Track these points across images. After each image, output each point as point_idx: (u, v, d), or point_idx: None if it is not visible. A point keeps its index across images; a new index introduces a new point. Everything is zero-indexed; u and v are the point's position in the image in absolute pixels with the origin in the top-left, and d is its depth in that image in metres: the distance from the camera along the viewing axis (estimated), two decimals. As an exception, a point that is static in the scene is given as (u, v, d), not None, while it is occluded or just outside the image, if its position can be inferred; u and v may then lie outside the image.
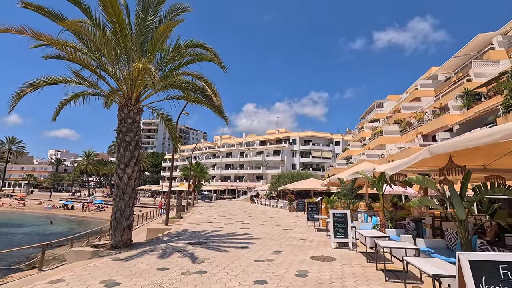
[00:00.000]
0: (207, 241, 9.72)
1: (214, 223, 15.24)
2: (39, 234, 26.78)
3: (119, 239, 8.30)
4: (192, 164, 34.42)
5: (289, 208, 26.12)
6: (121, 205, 8.44)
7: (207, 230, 12.39)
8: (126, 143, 8.68)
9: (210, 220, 16.94)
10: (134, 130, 8.88)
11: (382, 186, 8.29)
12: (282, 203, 31.08)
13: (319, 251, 7.97)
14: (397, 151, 26.31)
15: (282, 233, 11.55)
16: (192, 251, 7.93)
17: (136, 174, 8.83)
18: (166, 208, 14.54)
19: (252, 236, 10.65)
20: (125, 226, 8.42)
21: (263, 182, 61.04)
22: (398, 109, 34.26)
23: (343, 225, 8.38)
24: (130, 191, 8.60)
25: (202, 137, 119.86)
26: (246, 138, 76.66)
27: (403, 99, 34.30)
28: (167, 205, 14.58)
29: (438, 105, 26.58)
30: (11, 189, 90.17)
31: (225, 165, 72.46)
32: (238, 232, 11.76)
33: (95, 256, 7.51)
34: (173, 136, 11.69)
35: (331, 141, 69.20)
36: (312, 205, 14.56)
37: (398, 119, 31.36)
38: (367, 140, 37.72)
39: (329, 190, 21.86)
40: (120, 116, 8.89)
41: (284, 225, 14.61)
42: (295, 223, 15.43)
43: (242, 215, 21.32)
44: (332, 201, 13.81)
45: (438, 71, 31.18)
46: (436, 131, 23.85)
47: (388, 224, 8.07)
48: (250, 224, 14.96)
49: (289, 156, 66.64)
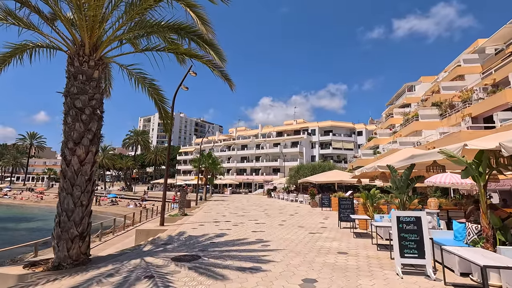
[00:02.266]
0: (203, 253, 6.75)
1: (221, 223, 12.31)
2: (42, 230, 25.16)
3: (65, 255, 5.47)
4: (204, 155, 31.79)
5: (311, 204, 22.87)
6: (68, 203, 5.59)
7: (208, 234, 9.45)
8: (76, 111, 5.79)
9: (217, 218, 14.05)
10: (90, 92, 5.96)
11: (485, 173, 4.92)
12: (302, 198, 27.84)
13: (377, 280, 4.78)
14: (440, 137, 22.24)
15: (309, 240, 8.40)
16: (172, 277, 4.97)
17: (93, 157, 5.94)
18: (161, 204, 11.75)
19: (267, 246, 7.58)
20: (75, 234, 5.57)
21: (280, 175, 57.84)
22: (435, 89, 29.81)
23: (415, 237, 5.11)
24: (84, 182, 5.73)
25: (217, 130, 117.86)
26: (262, 129, 73.42)
27: (442, 78, 29.73)
28: (162, 202, 11.78)
29: (490, 81, 22.21)
30: (33, 183, 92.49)
31: (241, 158, 69.76)
32: (249, 238, 8.72)
33: (20, 285, 4.71)
34: (162, 110, 8.73)
35: (353, 131, 64.65)
36: (345, 201, 11.28)
37: (437, 101, 27.03)
38: (398, 127, 33.50)
39: (360, 183, 18.37)
40: (69, 71, 5.99)
41: (309, 226, 11.45)
42: (323, 224, 12.23)
43: (256, 211, 18.32)
44: (373, 196, 10.49)
45: (486, 44, 26.45)
46: (491, 111, 19.63)
47: (499, 238, 4.72)
48: (265, 225, 11.91)
49: (307, 148, 62.89)
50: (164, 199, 11.87)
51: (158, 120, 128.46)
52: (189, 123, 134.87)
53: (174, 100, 12.45)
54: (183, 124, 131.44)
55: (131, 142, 74.91)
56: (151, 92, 8.39)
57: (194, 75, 12.76)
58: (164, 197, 11.88)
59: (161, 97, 8.61)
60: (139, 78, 8.09)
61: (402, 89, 39.27)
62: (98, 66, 6.17)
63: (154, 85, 8.35)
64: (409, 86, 37.83)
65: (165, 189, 11.98)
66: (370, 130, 60.16)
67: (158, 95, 8.57)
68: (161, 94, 8.62)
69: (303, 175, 33.17)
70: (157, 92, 8.51)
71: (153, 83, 8.28)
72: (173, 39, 7.58)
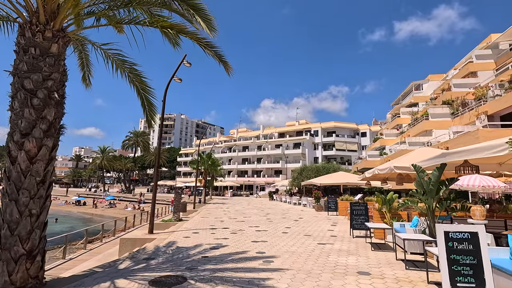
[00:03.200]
0: (191, 273, 5.44)
1: (218, 230, 10.99)
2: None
3: (5, 281, 4.16)
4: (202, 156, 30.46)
5: (315, 207, 21.50)
6: (12, 213, 4.29)
7: (202, 246, 8.12)
8: (25, 93, 4.51)
9: (215, 225, 12.72)
10: (45, 71, 4.68)
11: None
12: (306, 201, 26.46)
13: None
14: (453, 137, 20.84)
15: (320, 254, 7.06)
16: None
17: (48, 153, 4.65)
18: (150, 209, 10.44)
19: (270, 263, 6.24)
20: (21, 253, 4.27)
21: (283, 177, 56.45)
22: (445, 87, 28.42)
23: (470, 260, 3.78)
24: (34, 185, 4.44)
25: (219, 132, 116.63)
26: (263, 130, 72.04)
27: (453, 76, 28.35)
28: (151, 206, 10.46)
29: (506, 77, 20.88)
30: None
31: (242, 160, 68.38)
32: (248, 252, 7.38)
33: None
34: (145, 101, 7.46)
35: (356, 132, 63.20)
36: (357, 206, 9.92)
37: (448, 99, 25.64)
38: (405, 127, 32.09)
39: (369, 185, 16.99)
40: (19, 44, 4.72)
41: (317, 234, 10.10)
42: (332, 231, 10.88)
43: (258, 216, 16.98)
44: (391, 201, 9.14)
45: (500, 39, 25.15)
46: (510, 109, 18.28)
47: None
48: (267, 232, 10.58)
49: (310, 149, 61.46)
50: (153, 203, 10.55)
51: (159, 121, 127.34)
52: (190, 125, 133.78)
53: (166, 92, 11.19)
54: (184, 126, 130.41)
55: (131, 144, 73.82)
56: (132, 79, 7.12)
57: (189, 65, 11.50)
58: (154, 200, 10.57)
59: (145, 85, 7.32)
60: (117, 61, 6.81)
61: (409, 88, 37.87)
62: (58, 39, 4.89)
63: (136, 70, 7.07)
64: (416, 84, 36.44)
65: (154, 192, 10.67)
66: (374, 131, 58.69)
67: (141, 82, 7.28)
68: (145, 82, 7.33)
69: (306, 177, 31.80)
70: (140, 79, 7.23)
71: (135, 68, 7.01)
72: (158, 14, 6.32)
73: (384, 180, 13.34)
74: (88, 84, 8.23)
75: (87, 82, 8.18)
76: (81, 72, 8.07)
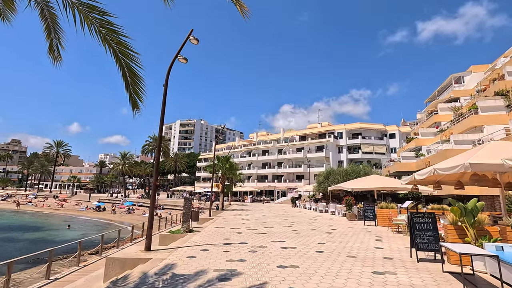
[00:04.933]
0: None
1: (233, 247, 8.63)
2: (43, 242, 22.79)
3: None
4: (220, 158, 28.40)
5: (347, 216, 18.62)
6: None
7: (206, 275, 5.79)
8: None
9: (230, 238, 10.39)
10: None
11: None
12: (334, 208, 23.56)
13: None
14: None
15: (386, 297, 4.50)
16: None
17: None
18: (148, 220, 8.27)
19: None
20: None
21: (305, 182, 53.46)
22: (495, 77, 24.64)
23: None
24: None
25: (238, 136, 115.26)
26: (284, 133, 69.42)
27: (505, 63, 24.49)
28: (149, 217, 8.30)
29: None
30: (59, 190, 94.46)
31: (262, 164, 66.01)
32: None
33: None
34: (127, 71, 5.31)
35: (384, 133, 59.04)
36: (422, 219, 7.20)
37: (502, 90, 21.98)
38: (446, 125, 28.36)
39: (416, 189, 14.01)
40: None
41: (364, 255, 7.48)
42: (381, 250, 8.20)
43: (281, 226, 14.46)
44: (475, 212, 6.40)
45: None
46: None
47: None
48: (297, 251, 8.08)
49: (334, 152, 58.01)
50: (151, 213, 8.39)
51: (179, 127, 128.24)
52: (209, 130, 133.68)
53: (168, 74, 9.11)
54: (203, 131, 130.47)
55: (150, 149, 73.74)
56: (106, 37, 4.98)
57: (196, 42, 9.39)
58: (152, 209, 8.40)
59: (125, 47, 5.15)
60: (82, 11, 4.73)
61: (447, 81, 33.97)
62: None
63: (111, 24, 4.93)
64: (456, 77, 32.54)
65: (153, 198, 8.51)
66: (404, 132, 54.38)
67: (120, 44, 5.12)
68: (126, 43, 5.12)
69: (334, 181, 28.82)
70: (117, 39, 5.07)
71: (108, 20, 4.86)
72: None
73: (437, 184, 10.59)
74: (57, 58, 6.16)
75: (55, 54, 6.14)
76: (47, 41, 6.06)
